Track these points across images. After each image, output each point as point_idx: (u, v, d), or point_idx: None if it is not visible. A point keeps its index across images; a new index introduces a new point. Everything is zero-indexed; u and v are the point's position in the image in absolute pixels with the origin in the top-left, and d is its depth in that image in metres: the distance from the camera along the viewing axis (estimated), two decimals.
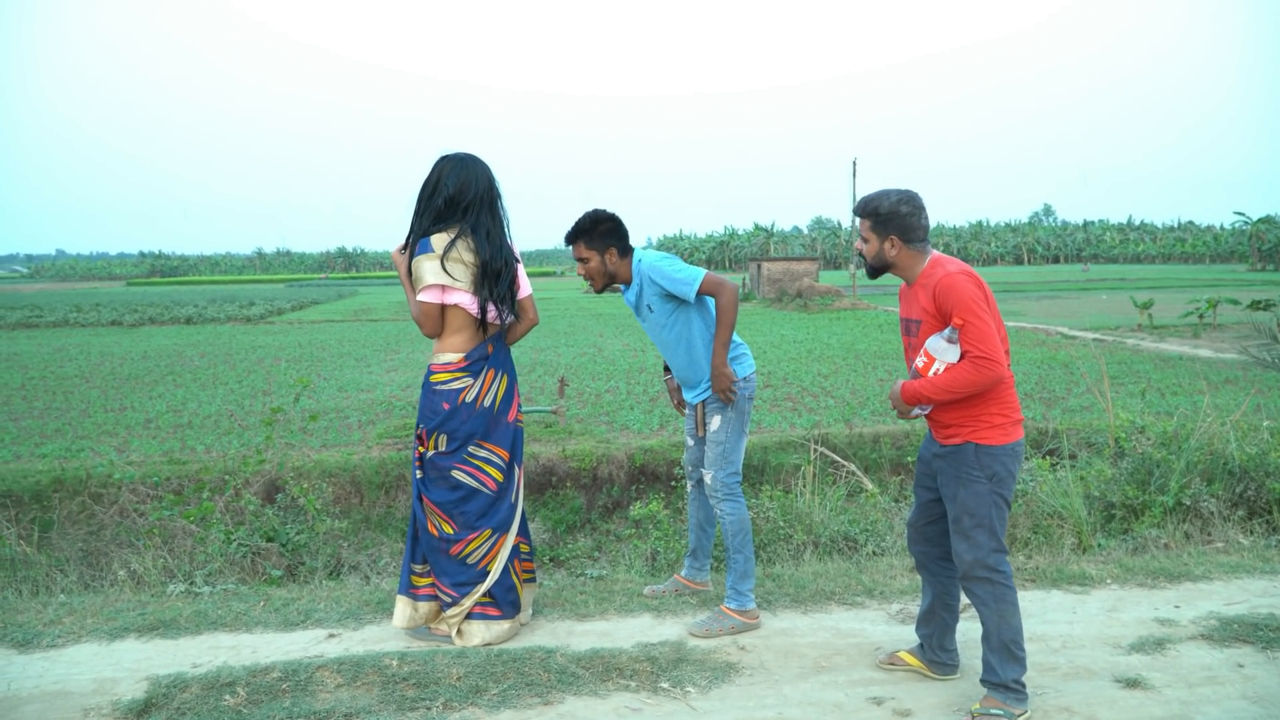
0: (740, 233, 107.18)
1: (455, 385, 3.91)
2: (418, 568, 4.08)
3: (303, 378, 7.71)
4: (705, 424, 4.25)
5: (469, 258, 3.85)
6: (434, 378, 3.94)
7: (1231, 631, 3.99)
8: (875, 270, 3.52)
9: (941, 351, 3.29)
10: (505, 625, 4.01)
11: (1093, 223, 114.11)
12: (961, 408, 3.35)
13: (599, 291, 4.32)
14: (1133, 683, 3.56)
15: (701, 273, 4.07)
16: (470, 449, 3.95)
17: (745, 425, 4.24)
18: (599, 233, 4.17)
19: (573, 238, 4.21)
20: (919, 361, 3.37)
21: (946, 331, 3.28)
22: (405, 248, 3.97)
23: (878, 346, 20.52)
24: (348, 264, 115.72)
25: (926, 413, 3.45)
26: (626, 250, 4.23)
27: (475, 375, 3.93)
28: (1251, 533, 5.58)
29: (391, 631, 4.09)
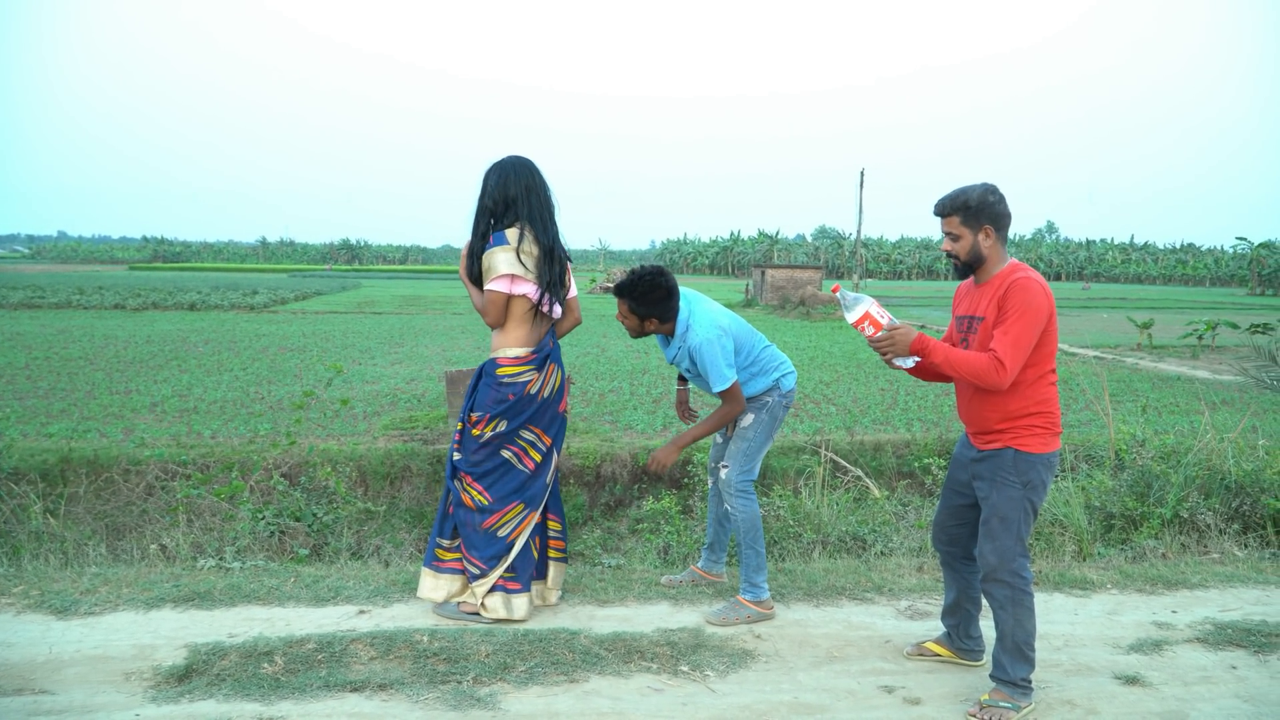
0: (745, 238, 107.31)
1: (523, 378, 4.12)
2: (445, 542, 4.28)
3: (335, 363, 7.85)
4: (737, 421, 4.40)
5: (534, 250, 4.07)
6: (501, 370, 4.12)
7: (1226, 636, 4.16)
8: (968, 267, 3.50)
9: (852, 305, 3.43)
10: (523, 599, 4.20)
11: (1095, 241, 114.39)
12: (1005, 415, 3.46)
13: (636, 338, 4.38)
14: (1131, 680, 3.72)
15: (731, 380, 4.18)
16: (521, 432, 4.18)
17: (774, 431, 4.40)
18: (648, 300, 4.19)
19: (621, 294, 4.24)
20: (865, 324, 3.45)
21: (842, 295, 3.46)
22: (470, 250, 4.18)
23: (879, 357, 20.65)
24: (351, 256, 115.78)
25: (908, 367, 3.53)
26: (668, 317, 4.26)
27: (540, 369, 4.16)
28: (1246, 546, 5.75)
29: (420, 610, 4.25)
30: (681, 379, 4.79)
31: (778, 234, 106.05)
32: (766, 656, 3.89)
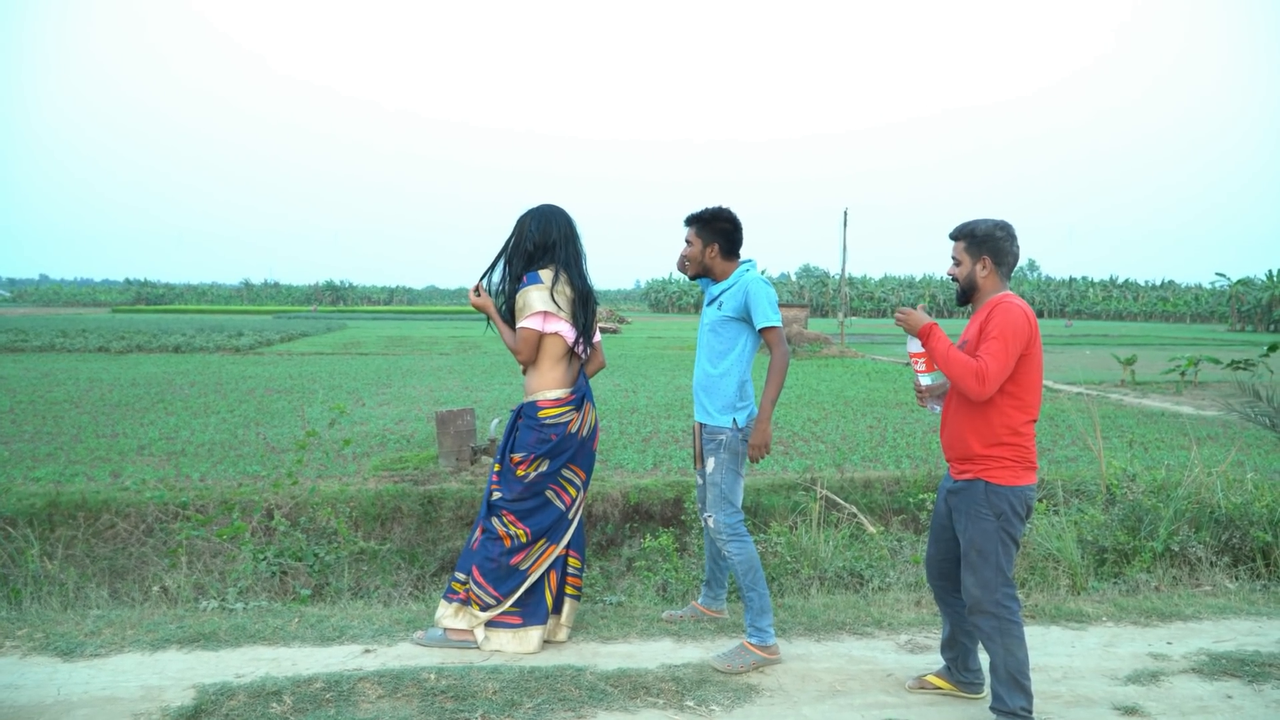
0: None
1: (565, 419, 4.28)
2: (460, 575, 4.39)
3: (338, 404, 7.88)
4: (703, 459, 4.45)
5: (568, 291, 4.26)
6: (543, 413, 4.27)
7: (1221, 666, 4.24)
8: (965, 293, 3.71)
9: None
10: (536, 632, 4.29)
11: (1076, 279, 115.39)
12: (982, 439, 3.57)
13: (691, 277, 4.58)
14: (1130, 710, 3.78)
15: (778, 320, 4.34)
16: (563, 471, 4.32)
17: (740, 466, 4.41)
18: (712, 228, 4.46)
19: (690, 221, 4.51)
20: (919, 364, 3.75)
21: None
22: (479, 290, 4.36)
23: (866, 394, 20.73)
24: (335, 297, 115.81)
25: (926, 394, 3.82)
26: (730, 254, 4.49)
27: (578, 408, 4.32)
28: (1237, 578, 5.83)
29: (424, 649, 4.30)
30: None
31: (763, 273, 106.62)
32: (771, 691, 3.93)
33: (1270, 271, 67.64)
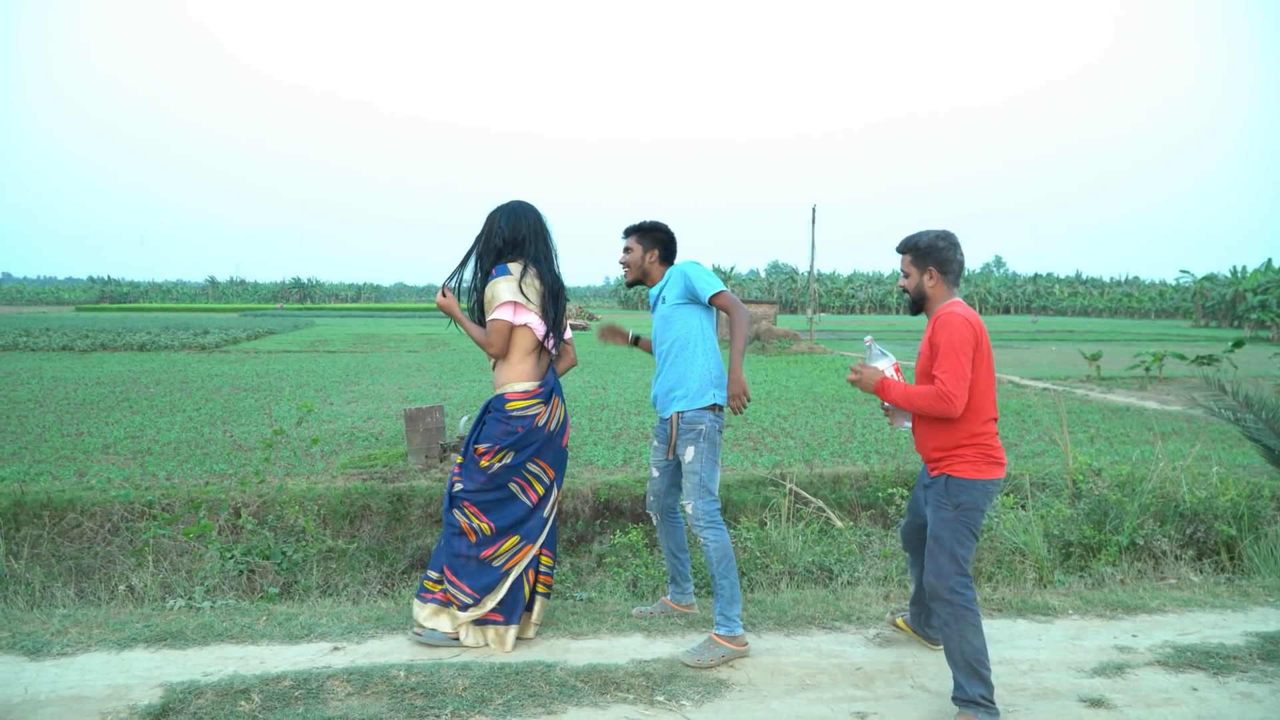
0: None
1: (531, 412, 4.27)
2: (433, 574, 4.37)
3: (306, 401, 7.82)
4: (679, 451, 4.47)
5: (538, 285, 4.28)
6: (510, 405, 4.27)
7: (1185, 659, 4.29)
8: (916, 304, 3.84)
9: (874, 359, 3.82)
10: (514, 631, 4.29)
11: (1042, 275, 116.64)
12: (943, 443, 3.71)
13: (629, 285, 4.78)
14: (1096, 702, 3.83)
15: (722, 286, 4.44)
16: (528, 465, 4.30)
17: (717, 454, 4.45)
18: (652, 236, 4.71)
19: (629, 231, 4.71)
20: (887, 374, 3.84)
21: (870, 347, 3.83)
22: (445, 292, 4.35)
23: (835, 390, 20.82)
24: (303, 295, 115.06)
25: (892, 414, 3.92)
26: (667, 260, 4.71)
27: (547, 402, 4.32)
28: (1201, 571, 5.91)
29: (395, 645, 4.28)
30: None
31: (732, 269, 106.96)
32: (740, 685, 3.94)
33: (1234, 268, 68.49)
